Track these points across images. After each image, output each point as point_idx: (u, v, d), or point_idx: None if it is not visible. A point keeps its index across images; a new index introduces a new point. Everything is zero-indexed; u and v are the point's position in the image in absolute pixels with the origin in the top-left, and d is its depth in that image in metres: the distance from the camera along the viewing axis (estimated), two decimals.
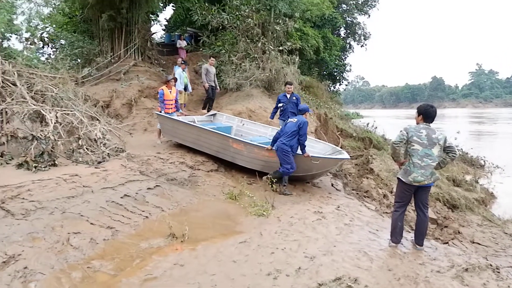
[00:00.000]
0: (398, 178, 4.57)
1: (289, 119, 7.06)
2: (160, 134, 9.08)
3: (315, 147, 8.15)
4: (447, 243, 6.99)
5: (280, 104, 8.98)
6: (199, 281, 3.49)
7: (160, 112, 8.73)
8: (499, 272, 3.89)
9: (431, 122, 4.51)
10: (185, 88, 11.35)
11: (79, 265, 3.69)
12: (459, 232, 7.84)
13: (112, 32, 14.35)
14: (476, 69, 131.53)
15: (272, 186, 6.58)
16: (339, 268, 3.82)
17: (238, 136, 8.60)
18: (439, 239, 7.20)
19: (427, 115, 4.51)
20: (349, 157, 7.66)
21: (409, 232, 6.30)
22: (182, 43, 17.24)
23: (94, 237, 4.22)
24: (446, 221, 8.19)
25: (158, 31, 23.63)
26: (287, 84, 9.22)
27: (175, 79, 9.46)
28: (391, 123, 40.58)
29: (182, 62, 11.78)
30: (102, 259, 3.85)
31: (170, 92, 8.77)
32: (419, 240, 4.60)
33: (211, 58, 11.71)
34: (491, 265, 4.05)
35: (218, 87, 11.83)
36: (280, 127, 9.04)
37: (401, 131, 4.50)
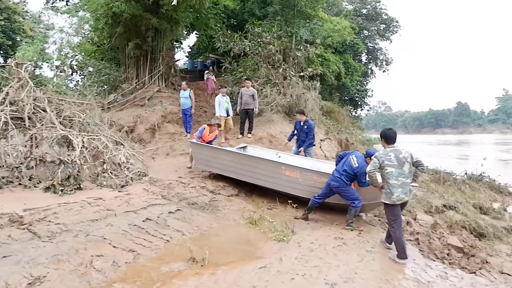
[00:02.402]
0: (384, 202, 5.03)
1: (355, 153, 6.42)
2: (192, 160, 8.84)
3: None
4: (474, 272, 6.75)
5: (296, 132, 9.06)
6: None
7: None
8: None
9: (394, 143, 5.05)
10: (227, 114, 11.08)
11: None
12: (487, 262, 7.55)
13: (138, 59, 14.88)
14: (503, 94, 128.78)
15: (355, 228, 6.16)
16: None
17: None
18: (465, 268, 6.95)
19: (387, 137, 5.08)
20: (416, 185, 7.16)
21: (434, 260, 6.14)
22: (209, 74, 17.52)
23: (116, 260, 4.28)
24: (472, 250, 7.92)
25: (181, 58, 24.35)
26: (297, 113, 9.17)
27: (219, 125, 9.14)
28: (413, 148, 39.93)
29: (221, 86, 11.82)
30: (124, 282, 3.90)
31: (209, 134, 8.58)
32: (389, 239, 5.25)
33: (246, 81, 11.51)
34: None
35: (256, 109, 11.43)
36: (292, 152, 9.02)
37: (372, 159, 5.09)
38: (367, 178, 5.30)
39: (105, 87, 14.70)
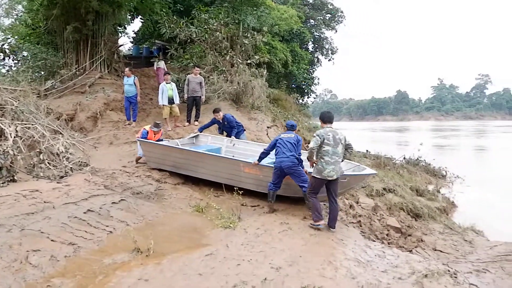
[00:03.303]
0: (313, 176, 5.51)
1: (282, 134, 6.50)
2: (138, 161, 8.37)
3: None
4: (411, 251, 7.20)
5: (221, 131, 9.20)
6: None
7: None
8: (456, 277, 4.05)
9: (331, 123, 5.59)
10: (170, 102, 10.78)
11: (38, 284, 3.56)
12: (422, 240, 8.07)
13: (77, 44, 14.07)
14: (438, 84, 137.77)
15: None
16: (305, 278, 3.87)
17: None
18: (403, 247, 7.39)
19: (324, 118, 5.63)
20: (375, 172, 7.38)
21: (374, 241, 6.45)
22: (160, 64, 16.58)
23: (54, 254, 4.08)
24: (409, 230, 8.43)
25: (125, 43, 23.35)
26: (214, 112, 8.99)
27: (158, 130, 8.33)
28: (357, 135, 41.64)
29: (165, 73, 11.45)
30: (63, 276, 3.73)
31: (155, 136, 8.10)
32: (332, 223, 5.57)
33: (195, 68, 11.37)
34: (449, 271, 4.20)
35: (203, 96, 11.39)
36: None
37: (314, 136, 5.47)
38: (308, 154, 5.53)
39: (42, 73, 13.78)
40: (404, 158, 17.11)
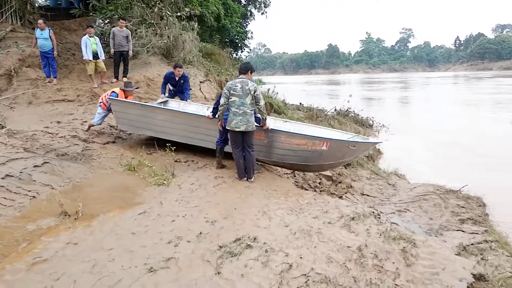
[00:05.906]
0: (227, 128, 5.51)
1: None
2: (90, 128, 7.44)
3: (327, 134, 6.89)
4: (341, 197, 7.63)
5: (171, 88, 8.28)
6: (95, 257, 3.32)
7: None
8: (379, 218, 4.36)
9: (244, 74, 5.49)
10: (94, 57, 10.10)
11: None
12: (351, 186, 8.57)
13: None
14: (366, 38, 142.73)
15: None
16: (240, 229, 3.93)
17: None
18: (334, 194, 7.80)
19: (240, 69, 5.64)
20: (382, 141, 7.90)
21: (307, 189, 6.71)
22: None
23: None
24: (340, 177, 8.88)
25: None
26: (177, 67, 8.01)
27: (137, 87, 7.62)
28: (291, 88, 42.33)
29: (87, 26, 10.49)
30: None
31: (126, 98, 7.25)
32: (249, 175, 5.63)
33: (121, 20, 10.61)
34: (373, 212, 4.51)
35: (130, 51, 10.73)
36: None
37: (223, 90, 5.50)
38: (219, 113, 5.57)
39: None
40: (335, 109, 17.73)
